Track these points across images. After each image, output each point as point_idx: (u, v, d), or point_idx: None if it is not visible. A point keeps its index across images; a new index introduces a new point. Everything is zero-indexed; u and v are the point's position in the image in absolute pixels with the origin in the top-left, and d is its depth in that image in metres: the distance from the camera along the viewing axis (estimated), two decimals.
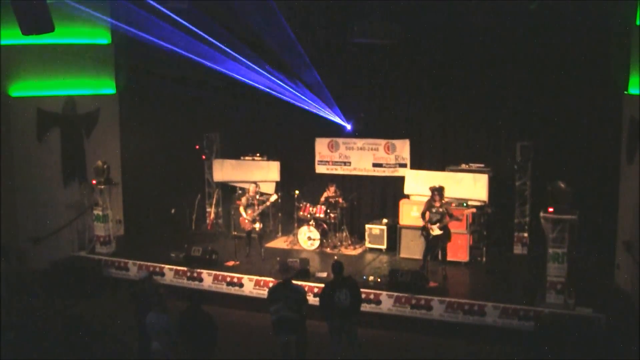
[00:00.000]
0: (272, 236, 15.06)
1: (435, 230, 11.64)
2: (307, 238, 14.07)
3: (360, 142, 14.76)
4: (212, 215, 15.92)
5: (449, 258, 12.26)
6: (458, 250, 12.70)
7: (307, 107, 14.17)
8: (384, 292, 11.31)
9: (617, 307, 10.50)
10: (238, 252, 13.34)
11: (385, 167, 14.59)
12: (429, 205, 11.78)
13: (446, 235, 11.77)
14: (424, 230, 11.80)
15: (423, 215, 11.84)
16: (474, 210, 12.49)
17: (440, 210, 11.63)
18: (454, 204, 12.66)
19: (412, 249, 13.28)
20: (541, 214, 10.55)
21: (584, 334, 9.73)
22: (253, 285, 12.22)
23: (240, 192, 15.03)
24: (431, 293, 11.17)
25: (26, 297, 11.49)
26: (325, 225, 14.15)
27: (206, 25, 13.20)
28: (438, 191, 11.74)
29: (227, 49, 13.54)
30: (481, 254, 13.12)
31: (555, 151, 13.00)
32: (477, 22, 12.87)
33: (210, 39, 13.21)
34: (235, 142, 15.91)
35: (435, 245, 11.83)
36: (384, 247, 13.91)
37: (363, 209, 15.07)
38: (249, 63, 13.79)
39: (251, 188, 13.60)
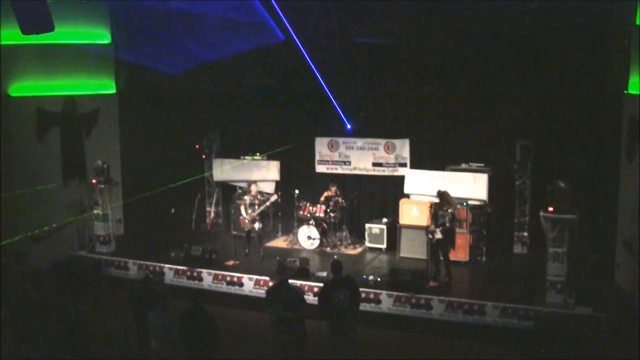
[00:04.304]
0: (272, 236, 15.07)
1: (437, 234, 11.68)
2: (307, 237, 14.08)
3: (360, 142, 14.76)
4: (212, 215, 15.93)
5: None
6: (458, 250, 12.69)
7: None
8: (384, 292, 11.31)
9: (617, 307, 10.50)
10: (238, 251, 13.35)
11: (385, 166, 14.59)
12: (438, 209, 11.84)
13: (448, 239, 11.81)
14: (429, 232, 11.85)
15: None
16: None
17: (447, 213, 11.66)
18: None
19: (412, 248, 13.29)
20: (541, 214, 10.57)
21: (584, 333, 9.73)
22: (253, 285, 12.23)
23: (240, 191, 15.03)
24: (431, 292, 11.18)
25: (26, 296, 11.49)
26: (325, 225, 14.16)
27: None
28: (441, 196, 11.80)
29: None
30: (481, 253, 13.13)
31: (555, 151, 13.01)
32: (477, 22, 12.88)
33: None
34: (235, 142, 15.91)
35: (437, 248, 11.85)
36: (383, 246, 13.91)
37: (363, 208, 15.07)
38: None
39: (252, 187, 13.60)
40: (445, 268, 11.85)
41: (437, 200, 11.85)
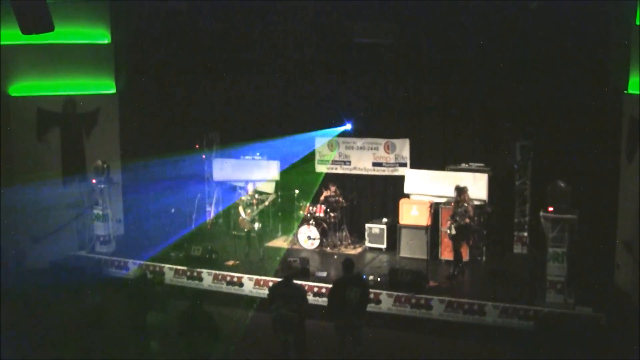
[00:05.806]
0: (272, 236, 15.06)
1: (452, 230, 11.85)
2: (307, 237, 14.07)
3: (360, 142, 14.73)
4: (212, 215, 15.91)
5: (447, 257, 12.60)
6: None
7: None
8: (384, 292, 11.31)
9: (617, 307, 10.51)
10: (238, 251, 13.34)
11: (385, 166, 14.57)
12: (455, 206, 12.01)
13: (461, 236, 12.00)
14: (447, 228, 12.12)
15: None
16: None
17: (459, 210, 11.82)
18: (452, 204, 12.70)
19: (412, 248, 13.30)
20: (541, 214, 10.58)
21: (584, 333, 9.73)
22: (253, 285, 12.22)
23: (240, 191, 15.02)
24: (431, 292, 11.18)
25: (26, 296, 11.49)
26: (325, 225, 14.15)
27: None
28: (460, 191, 11.98)
29: None
30: (481, 253, 13.13)
31: (555, 151, 13.00)
32: (477, 22, 12.87)
33: None
34: (235, 142, 15.88)
35: (454, 243, 12.09)
36: (383, 246, 13.91)
37: (363, 208, 15.05)
38: None
39: (249, 187, 13.59)
40: (453, 265, 12.05)
41: (454, 196, 12.05)
